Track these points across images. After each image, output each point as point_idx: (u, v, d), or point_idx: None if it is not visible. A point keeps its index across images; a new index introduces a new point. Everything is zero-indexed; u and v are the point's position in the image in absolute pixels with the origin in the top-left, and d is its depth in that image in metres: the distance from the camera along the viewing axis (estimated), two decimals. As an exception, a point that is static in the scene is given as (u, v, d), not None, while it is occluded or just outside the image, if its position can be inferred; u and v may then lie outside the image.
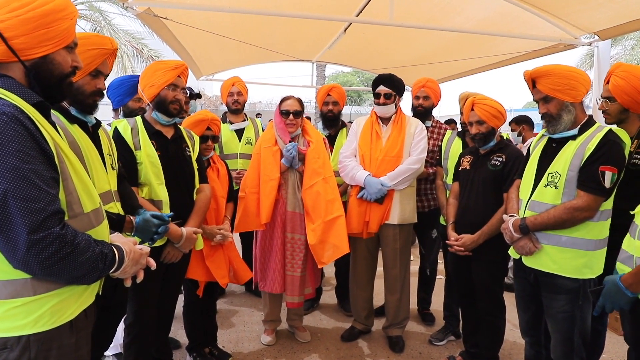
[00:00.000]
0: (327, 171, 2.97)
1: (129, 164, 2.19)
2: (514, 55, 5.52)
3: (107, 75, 1.82)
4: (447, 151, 3.21)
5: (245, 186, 2.97)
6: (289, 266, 3.01)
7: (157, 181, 2.24)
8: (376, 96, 3.15)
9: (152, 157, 2.24)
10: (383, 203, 3.04)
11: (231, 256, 2.74)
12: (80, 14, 13.96)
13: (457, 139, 3.20)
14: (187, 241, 2.30)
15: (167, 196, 2.26)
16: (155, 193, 2.24)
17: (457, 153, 3.06)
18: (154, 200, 2.24)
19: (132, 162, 2.20)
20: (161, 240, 2.26)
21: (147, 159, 2.22)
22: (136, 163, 2.22)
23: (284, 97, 3.07)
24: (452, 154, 3.15)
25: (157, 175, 2.24)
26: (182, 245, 2.29)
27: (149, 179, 2.23)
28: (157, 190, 2.24)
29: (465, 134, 3.15)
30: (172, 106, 2.28)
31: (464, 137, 3.16)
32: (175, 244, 2.28)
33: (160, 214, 1.90)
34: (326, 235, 2.87)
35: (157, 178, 2.24)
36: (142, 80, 2.30)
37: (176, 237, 2.26)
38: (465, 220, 2.70)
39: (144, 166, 2.22)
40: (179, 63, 2.30)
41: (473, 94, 3.04)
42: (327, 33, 5.60)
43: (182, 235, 2.27)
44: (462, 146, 3.12)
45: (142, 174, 2.22)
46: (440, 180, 3.27)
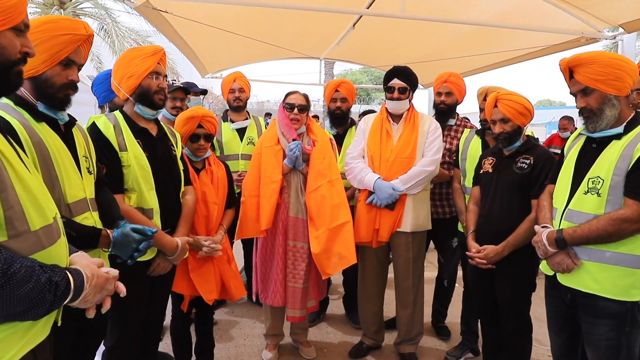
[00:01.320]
0: (334, 173, 2.71)
1: (114, 167, 1.93)
2: (532, 50, 5.27)
3: (81, 66, 1.58)
4: (464, 151, 2.94)
5: (245, 189, 2.73)
6: (290, 277, 2.75)
7: (147, 186, 1.99)
8: (389, 90, 2.88)
9: (141, 159, 1.98)
10: (394, 209, 2.78)
11: (222, 269, 2.48)
12: (85, 12, 13.97)
13: (476, 137, 2.92)
14: (182, 252, 2.08)
15: (157, 203, 2.02)
16: (145, 200, 1.98)
17: (476, 154, 2.79)
18: (144, 208, 1.98)
19: (117, 165, 1.94)
20: (151, 252, 2.02)
21: (135, 160, 1.96)
22: (121, 166, 1.96)
23: (289, 91, 2.83)
24: (470, 154, 2.88)
25: (147, 179, 1.99)
26: (176, 257, 2.05)
27: (138, 184, 1.96)
28: (147, 197, 1.99)
29: (484, 132, 2.88)
30: (157, 97, 2.03)
31: (484, 136, 2.88)
32: (169, 255, 2.04)
33: (143, 227, 1.63)
34: (331, 243, 2.61)
35: (146, 183, 1.99)
36: (117, 72, 2.03)
37: (171, 248, 2.03)
38: (487, 229, 2.42)
39: (131, 169, 1.95)
40: (157, 48, 2.05)
41: (494, 88, 2.77)
42: (336, 28, 5.36)
43: (178, 246, 2.04)
44: (481, 146, 2.85)
45: (130, 178, 1.96)
46: (458, 184, 2.99)
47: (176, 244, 2.03)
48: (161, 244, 2.00)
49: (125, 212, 1.90)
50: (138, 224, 1.89)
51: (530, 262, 2.33)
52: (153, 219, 2.00)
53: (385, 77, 2.94)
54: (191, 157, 2.46)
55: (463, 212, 2.83)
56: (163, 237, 2.01)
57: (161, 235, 2.00)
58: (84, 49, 1.57)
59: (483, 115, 2.81)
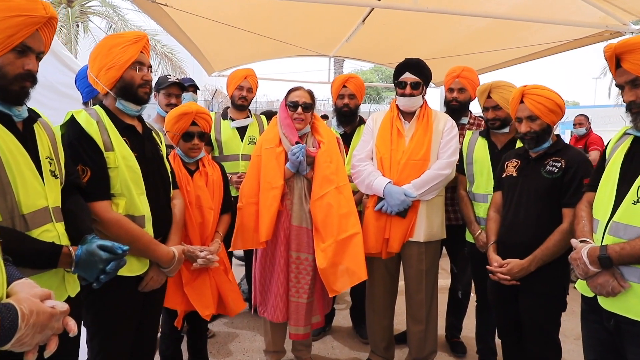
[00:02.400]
0: (341, 178, 2.47)
1: (99, 170, 1.69)
2: (551, 45, 4.99)
3: (41, 54, 1.35)
4: (469, 154, 2.69)
5: (243, 195, 2.49)
6: (293, 291, 2.50)
7: (138, 191, 1.75)
8: (400, 85, 2.63)
9: (129, 160, 1.74)
10: (406, 217, 2.53)
11: (219, 281, 2.25)
12: (93, 11, 13.90)
13: (481, 139, 2.68)
14: (178, 263, 1.86)
15: (149, 209, 1.79)
16: (135, 207, 1.74)
17: (483, 156, 2.57)
18: (135, 216, 1.74)
19: (103, 167, 1.70)
20: (143, 265, 1.79)
21: (124, 162, 1.72)
22: (107, 169, 1.71)
23: (292, 88, 2.58)
24: (476, 157, 2.64)
25: (137, 182, 1.75)
26: (172, 269, 1.84)
27: (128, 188, 1.72)
28: (138, 203, 1.75)
29: (489, 132, 2.64)
30: (142, 90, 1.80)
31: (489, 137, 2.64)
32: (164, 267, 1.82)
33: (112, 244, 1.38)
34: (339, 257, 2.37)
35: (137, 187, 1.75)
36: (95, 63, 1.79)
37: (168, 259, 1.81)
38: (511, 240, 2.16)
39: (120, 172, 1.71)
40: (139, 34, 1.82)
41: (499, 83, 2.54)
42: (345, 25, 5.12)
43: (175, 257, 1.82)
44: (488, 148, 2.61)
45: (118, 182, 1.72)
46: (464, 191, 2.76)
47: (173, 254, 1.81)
48: (156, 255, 1.78)
49: (115, 221, 1.68)
50: (131, 235, 1.68)
51: (560, 279, 2.08)
52: (145, 228, 1.77)
53: (396, 71, 2.69)
54: (183, 157, 2.24)
55: (472, 221, 2.61)
56: (158, 247, 1.78)
57: (156, 245, 1.78)
58: (45, 34, 1.35)
59: (488, 115, 2.58)
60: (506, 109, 2.47)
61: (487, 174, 2.58)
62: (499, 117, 2.53)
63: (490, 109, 2.55)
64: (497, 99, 2.50)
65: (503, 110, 2.50)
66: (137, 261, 1.76)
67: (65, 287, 1.42)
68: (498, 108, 2.52)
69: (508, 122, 2.55)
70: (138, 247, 1.71)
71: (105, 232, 1.67)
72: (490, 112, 2.55)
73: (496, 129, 2.58)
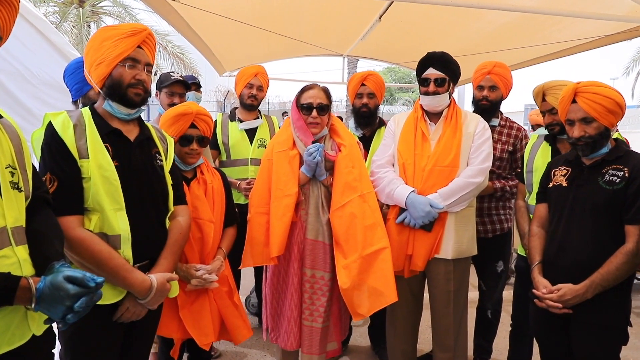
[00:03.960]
0: (365, 185, 2.19)
1: (69, 180, 1.47)
2: (582, 41, 4.69)
3: None
4: (530, 161, 2.39)
5: (252, 204, 2.23)
6: (306, 314, 2.22)
7: (114, 206, 1.51)
8: (423, 82, 2.34)
9: (106, 170, 1.51)
10: (432, 230, 2.25)
11: (221, 305, 1.98)
12: (105, 10, 13.82)
13: (545, 145, 2.37)
14: (159, 294, 1.58)
15: (128, 228, 1.53)
16: (109, 224, 1.50)
17: (543, 164, 2.25)
18: (108, 235, 1.51)
19: (74, 177, 1.48)
20: (119, 293, 1.54)
21: (99, 171, 1.49)
22: (81, 179, 1.49)
23: (305, 86, 2.29)
24: (537, 165, 2.34)
25: (113, 196, 1.51)
26: (149, 300, 1.56)
27: (100, 202, 1.49)
28: (113, 220, 1.51)
29: (555, 138, 2.33)
30: (131, 91, 1.56)
31: (554, 143, 2.34)
32: (140, 299, 1.55)
33: (84, 275, 1.12)
34: (364, 275, 2.09)
35: (112, 201, 1.51)
36: (87, 57, 1.58)
37: (142, 290, 1.54)
38: (561, 261, 1.86)
39: (92, 183, 1.48)
40: (137, 27, 1.58)
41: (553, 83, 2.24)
42: (360, 22, 4.89)
43: (152, 287, 1.55)
44: (551, 155, 2.30)
45: (90, 194, 1.49)
46: (523, 201, 2.46)
47: (149, 284, 1.54)
48: (127, 283, 1.51)
49: (80, 240, 1.44)
50: (96, 257, 1.43)
51: (622, 308, 1.77)
52: (121, 249, 1.52)
53: (419, 67, 2.40)
54: (179, 164, 1.98)
55: (526, 234, 2.31)
56: (130, 274, 1.52)
57: (127, 271, 1.51)
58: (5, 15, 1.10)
59: (545, 119, 2.30)
60: None
61: None
62: (558, 122, 2.22)
63: (546, 113, 2.28)
64: (552, 102, 2.21)
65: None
66: (110, 288, 1.51)
67: (29, 324, 1.16)
68: (554, 111, 2.23)
69: None
70: (104, 273, 1.46)
71: (69, 252, 1.44)
72: (547, 116, 2.28)
73: (557, 134, 2.29)
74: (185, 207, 1.80)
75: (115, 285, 1.52)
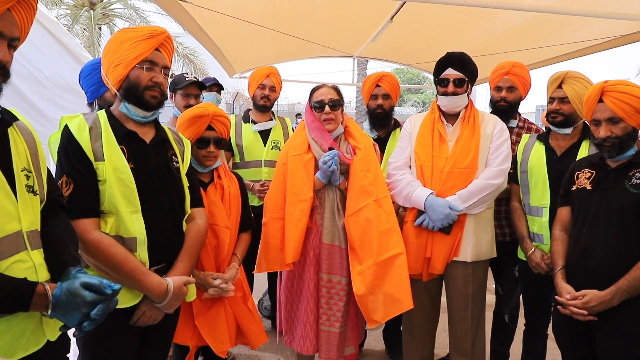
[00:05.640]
0: (381, 190, 2.15)
1: (86, 183, 1.46)
2: (598, 41, 4.60)
3: (14, 40, 1.09)
4: (524, 162, 2.36)
5: (267, 210, 2.21)
6: (323, 319, 2.19)
7: (130, 208, 1.50)
8: (441, 83, 2.31)
9: (122, 172, 1.50)
10: (451, 233, 2.21)
11: (237, 311, 1.96)
12: (115, 13, 13.90)
13: (538, 144, 2.34)
14: (175, 297, 1.56)
15: (144, 231, 1.51)
16: (125, 227, 1.49)
17: (539, 164, 2.25)
18: (124, 237, 1.49)
19: (90, 180, 1.47)
20: (135, 297, 1.52)
21: (114, 174, 1.48)
22: (97, 181, 1.48)
23: (315, 87, 2.28)
24: (532, 165, 2.31)
25: (129, 199, 1.50)
26: (166, 304, 1.54)
27: (116, 205, 1.48)
28: (129, 223, 1.49)
29: (548, 136, 2.30)
30: (148, 93, 1.55)
31: (547, 142, 2.30)
32: (157, 302, 1.53)
33: (100, 282, 1.11)
34: (380, 281, 2.05)
35: (128, 203, 1.50)
36: (105, 58, 1.58)
37: (158, 292, 1.52)
38: (585, 266, 1.81)
39: (108, 185, 1.47)
40: (155, 30, 1.57)
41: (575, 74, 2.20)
42: (371, 23, 4.84)
43: (168, 290, 1.53)
44: (545, 155, 2.27)
45: (106, 197, 1.48)
46: (518, 202, 2.42)
47: (165, 287, 1.52)
48: (143, 286, 1.50)
49: (95, 243, 1.43)
50: (112, 260, 1.41)
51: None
52: (137, 252, 1.50)
53: (437, 67, 2.37)
54: (196, 167, 1.96)
55: (525, 237, 2.30)
56: (146, 277, 1.50)
57: (143, 274, 1.49)
58: (18, 14, 1.08)
59: (552, 106, 2.24)
60: (575, 106, 2.14)
61: (543, 184, 2.25)
62: (563, 112, 2.20)
63: (556, 100, 2.22)
64: (568, 92, 2.17)
65: (570, 105, 2.18)
66: (126, 291, 1.49)
67: (44, 330, 1.14)
68: (565, 101, 2.19)
69: (572, 121, 2.20)
70: (120, 276, 1.45)
71: (85, 255, 1.43)
72: (556, 103, 2.22)
73: (556, 125, 2.24)
74: (202, 210, 1.78)
75: (132, 288, 1.50)
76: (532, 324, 2.46)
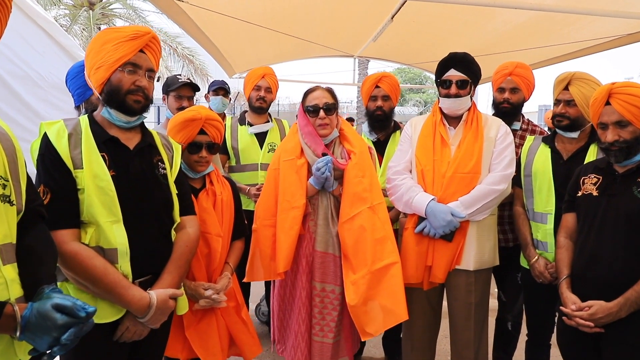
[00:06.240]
0: (376, 196, 2.08)
1: (64, 192, 1.40)
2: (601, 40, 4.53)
3: None
4: (528, 165, 2.27)
5: (258, 216, 2.13)
6: (316, 329, 2.11)
7: (110, 218, 1.42)
8: (443, 85, 2.23)
9: (102, 179, 1.42)
10: (453, 240, 2.13)
11: (229, 322, 1.89)
12: (115, 13, 13.85)
13: (543, 146, 2.25)
14: (160, 312, 1.48)
15: (126, 241, 1.44)
16: (105, 237, 1.42)
17: (544, 168, 2.16)
18: (105, 249, 1.42)
19: (68, 189, 1.40)
20: (117, 312, 1.45)
21: (94, 182, 1.41)
22: (76, 190, 1.41)
23: (308, 89, 2.20)
24: (536, 168, 2.22)
25: (110, 208, 1.43)
26: (150, 319, 1.46)
27: (95, 214, 1.41)
28: (109, 233, 1.42)
29: (554, 139, 2.22)
30: (131, 98, 1.48)
31: (553, 145, 2.22)
32: (140, 317, 1.46)
33: (74, 303, 1.03)
34: (373, 291, 1.98)
35: (109, 213, 1.42)
36: (87, 60, 1.51)
37: (140, 307, 1.44)
38: (592, 275, 1.73)
39: (86, 195, 1.40)
40: (139, 30, 1.50)
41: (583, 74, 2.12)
42: (372, 23, 4.77)
43: (151, 305, 1.45)
44: (551, 158, 2.18)
45: (85, 206, 1.41)
46: (521, 207, 2.34)
47: (147, 301, 1.44)
48: (124, 300, 1.42)
49: (72, 255, 1.35)
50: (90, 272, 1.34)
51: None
52: (119, 264, 1.42)
53: (439, 68, 2.29)
54: (187, 172, 1.88)
55: (529, 244, 2.22)
56: (127, 290, 1.42)
57: (123, 288, 1.41)
58: None
59: (557, 109, 2.15)
60: (582, 109, 2.05)
61: (548, 189, 2.16)
62: (569, 115, 2.11)
63: (562, 103, 2.13)
64: (575, 93, 2.08)
65: (576, 109, 2.09)
66: (108, 305, 1.42)
67: (15, 349, 1.07)
68: (572, 104, 2.10)
69: (579, 125, 2.12)
70: (99, 289, 1.38)
71: (63, 268, 1.37)
72: (562, 106, 2.13)
73: (562, 128, 2.15)
74: (193, 218, 1.70)
75: (111, 302, 1.43)
76: (535, 334, 2.39)
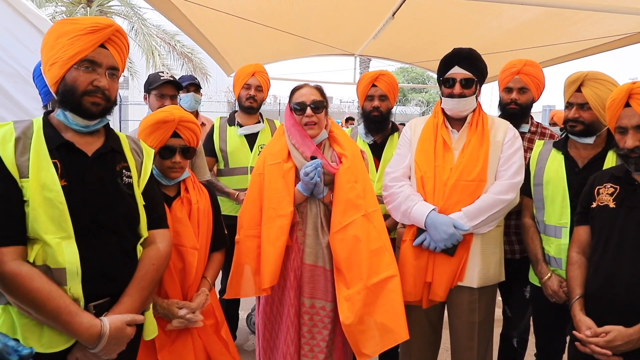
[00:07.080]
0: (370, 203, 1.91)
1: (7, 204, 1.22)
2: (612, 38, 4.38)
3: None
4: (539, 173, 2.08)
5: (241, 226, 1.96)
6: (306, 349, 1.93)
7: (59, 233, 1.24)
8: (446, 83, 2.05)
9: (50, 190, 1.24)
10: (455, 255, 1.96)
11: (207, 342, 1.71)
12: (113, 10, 13.70)
13: (555, 152, 2.06)
14: (113, 341, 1.29)
15: (77, 260, 1.25)
16: (52, 255, 1.23)
17: (557, 175, 1.98)
18: (52, 268, 1.24)
19: (10, 201, 1.22)
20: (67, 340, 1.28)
21: (41, 193, 1.23)
22: (22, 202, 1.23)
23: (295, 86, 2.04)
24: (549, 177, 2.03)
25: (59, 222, 1.25)
26: (102, 350, 1.28)
27: (39, 229, 1.23)
28: (57, 250, 1.23)
29: (567, 143, 2.03)
30: (87, 99, 1.30)
31: (566, 151, 2.03)
32: (90, 348, 1.28)
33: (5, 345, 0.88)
34: (370, 308, 1.81)
35: (57, 228, 1.24)
36: (42, 55, 1.34)
37: (89, 337, 1.25)
38: (609, 296, 1.56)
39: (31, 208, 1.22)
40: (99, 23, 1.32)
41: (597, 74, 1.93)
42: (372, 21, 4.68)
43: (102, 334, 1.26)
44: (565, 164, 1.99)
45: (29, 220, 1.23)
46: (530, 218, 2.16)
47: (98, 330, 1.26)
48: (70, 328, 1.23)
49: (12, 276, 1.18)
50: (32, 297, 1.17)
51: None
52: (67, 286, 1.24)
53: (442, 65, 2.10)
54: (160, 180, 1.71)
55: (540, 260, 2.03)
56: (74, 317, 1.23)
57: (69, 314, 1.23)
58: None
59: (570, 113, 1.96)
60: (597, 112, 1.85)
61: (562, 200, 1.96)
62: (583, 120, 1.90)
63: (574, 106, 1.93)
64: (589, 95, 1.88)
65: (591, 112, 1.88)
66: (56, 333, 1.25)
67: None
68: (586, 107, 1.90)
69: (594, 130, 1.92)
70: (42, 316, 1.21)
71: (4, 291, 1.19)
72: (574, 109, 1.93)
73: (576, 134, 1.96)
74: (164, 232, 1.52)
75: (57, 329, 1.25)
76: (544, 355, 2.21)
